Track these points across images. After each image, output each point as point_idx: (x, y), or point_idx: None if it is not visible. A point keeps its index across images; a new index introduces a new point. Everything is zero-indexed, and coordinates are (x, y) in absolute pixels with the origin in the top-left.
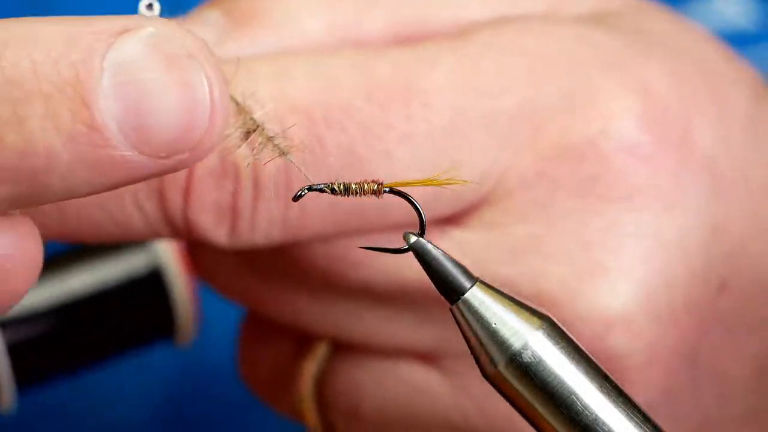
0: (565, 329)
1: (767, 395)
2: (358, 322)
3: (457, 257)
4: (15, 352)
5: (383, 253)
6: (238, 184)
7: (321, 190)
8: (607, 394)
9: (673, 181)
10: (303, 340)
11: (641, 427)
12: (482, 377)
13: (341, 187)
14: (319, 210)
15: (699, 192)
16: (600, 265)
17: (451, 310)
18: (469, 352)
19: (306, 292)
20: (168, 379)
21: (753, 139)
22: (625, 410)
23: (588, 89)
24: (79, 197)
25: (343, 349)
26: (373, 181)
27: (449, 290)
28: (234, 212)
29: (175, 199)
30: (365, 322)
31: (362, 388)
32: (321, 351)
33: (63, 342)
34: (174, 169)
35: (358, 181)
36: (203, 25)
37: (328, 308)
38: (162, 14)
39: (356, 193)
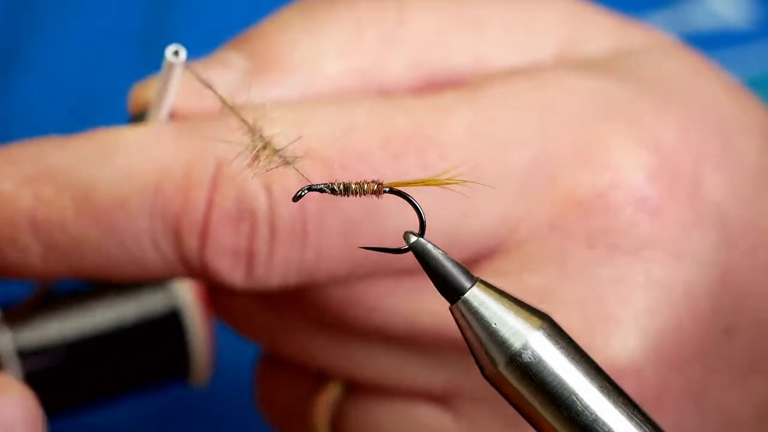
0: (564, 329)
1: None
2: (372, 364)
3: None
4: (31, 382)
5: (397, 297)
6: (254, 227)
7: (321, 190)
8: (607, 394)
9: (681, 232)
10: (319, 376)
11: (641, 427)
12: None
13: (341, 186)
14: (334, 252)
15: (707, 242)
16: (609, 314)
17: (450, 309)
18: (471, 355)
19: (321, 333)
20: (183, 414)
21: (763, 187)
22: (625, 410)
23: (598, 142)
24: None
25: (357, 388)
26: (373, 182)
27: (449, 290)
28: (250, 255)
29: (191, 242)
30: (379, 364)
31: (376, 428)
32: (335, 389)
33: (79, 375)
34: None
35: (358, 181)
36: (227, 67)
37: (343, 349)
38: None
39: (356, 192)
